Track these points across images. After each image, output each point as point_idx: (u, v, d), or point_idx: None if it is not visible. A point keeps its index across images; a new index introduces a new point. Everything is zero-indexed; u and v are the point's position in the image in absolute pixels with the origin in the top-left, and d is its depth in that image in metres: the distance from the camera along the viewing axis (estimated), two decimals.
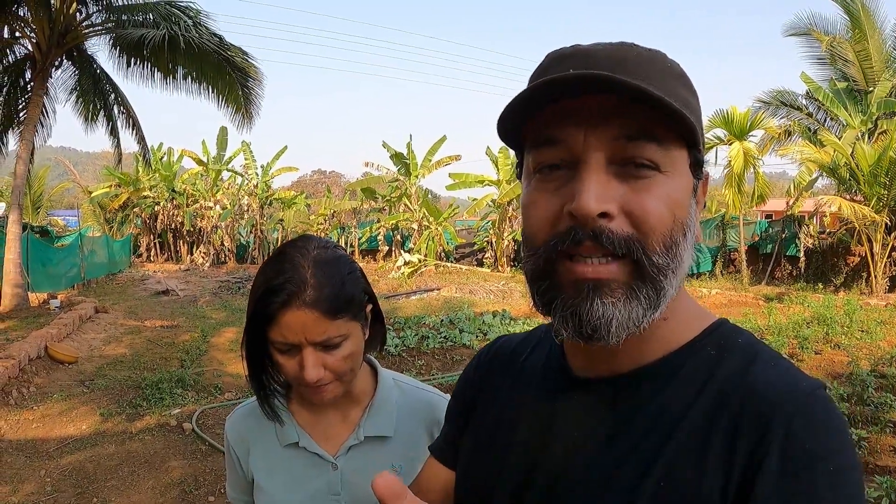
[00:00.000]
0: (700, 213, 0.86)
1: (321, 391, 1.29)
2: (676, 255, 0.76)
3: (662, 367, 0.82)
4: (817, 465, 0.67)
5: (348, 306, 1.28)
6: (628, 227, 0.74)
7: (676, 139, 0.77)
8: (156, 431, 6.28)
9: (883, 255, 16.81)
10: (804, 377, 0.76)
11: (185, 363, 9.18)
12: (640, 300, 0.75)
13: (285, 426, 1.41)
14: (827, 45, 20.11)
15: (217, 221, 28.53)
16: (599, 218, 0.73)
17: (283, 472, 1.41)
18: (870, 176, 16.16)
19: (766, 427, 0.70)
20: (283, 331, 1.24)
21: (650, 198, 0.75)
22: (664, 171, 0.76)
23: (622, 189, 0.75)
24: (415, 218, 26.97)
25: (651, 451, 0.76)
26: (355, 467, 1.40)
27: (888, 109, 18.48)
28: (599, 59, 0.77)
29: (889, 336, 11.02)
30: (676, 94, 0.77)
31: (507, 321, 12.57)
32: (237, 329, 11.91)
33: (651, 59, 0.79)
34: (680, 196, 0.77)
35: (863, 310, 13.64)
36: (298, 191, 35.60)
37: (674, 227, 0.76)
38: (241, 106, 14.56)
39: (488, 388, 1.06)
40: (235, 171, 29.84)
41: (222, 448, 5.72)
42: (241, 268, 26.70)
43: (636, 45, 0.81)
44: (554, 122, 0.77)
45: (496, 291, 18.51)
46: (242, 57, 14.00)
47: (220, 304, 15.73)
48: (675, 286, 0.77)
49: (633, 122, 0.74)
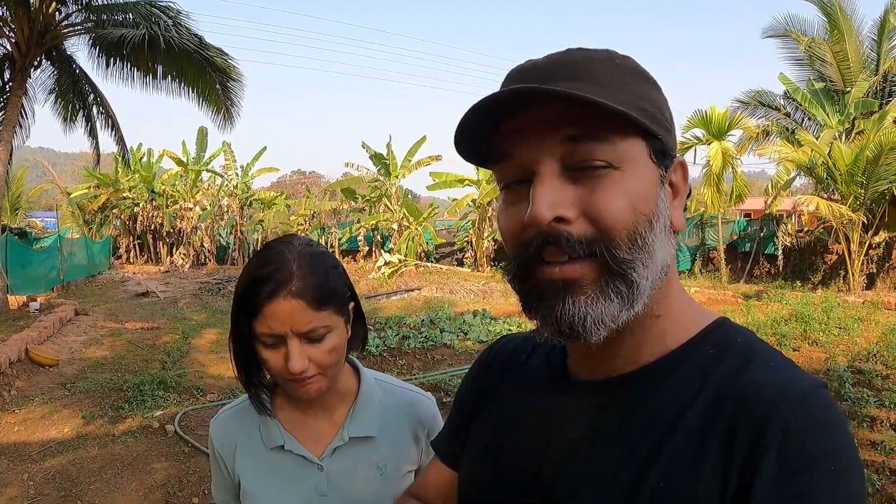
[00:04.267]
0: (683, 199, 0.86)
1: (306, 384, 1.30)
2: (643, 247, 0.76)
3: (661, 368, 0.82)
4: (817, 465, 0.67)
5: (332, 299, 1.31)
6: (589, 228, 0.75)
7: (627, 133, 0.77)
8: (138, 434, 6.25)
9: (860, 253, 17.00)
10: (804, 376, 0.75)
11: (166, 365, 9.13)
12: (611, 295, 0.76)
13: (270, 429, 1.43)
14: (805, 46, 20.33)
15: (197, 222, 28.36)
16: (556, 223, 0.75)
17: (270, 475, 1.42)
18: (847, 175, 16.33)
19: (765, 427, 0.70)
20: (270, 322, 1.26)
21: (605, 196, 0.75)
22: (618, 166, 0.76)
23: (578, 191, 0.76)
24: (395, 218, 26.96)
25: (650, 451, 0.76)
26: (341, 468, 1.42)
27: (865, 109, 18.71)
28: (548, 69, 0.79)
29: (866, 332, 11.19)
30: (627, 88, 0.78)
31: (488, 320, 12.62)
32: (218, 330, 11.88)
33: (599, 59, 0.80)
34: (640, 188, 0.78)
35: (840, 307, 13.83)
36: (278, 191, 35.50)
37: (636, 220, 0.76)
38: (222, 106, 14.49)
39: (489, 390, 1.07)
40: (215, 172, 29.64)
41: (205, 449, 5.75)
42: (221, 269, 26.55)
43: (584, 48, 0.82)
44: (505, 139, 0.80)
45: (476, 291, 18.57)
46: (222, 57, 13.92)
47: (200, 306, 15.65)
48: (649, 278, 0.78)
49: (577, 124, 0.75)
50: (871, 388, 7.57)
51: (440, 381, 8.00)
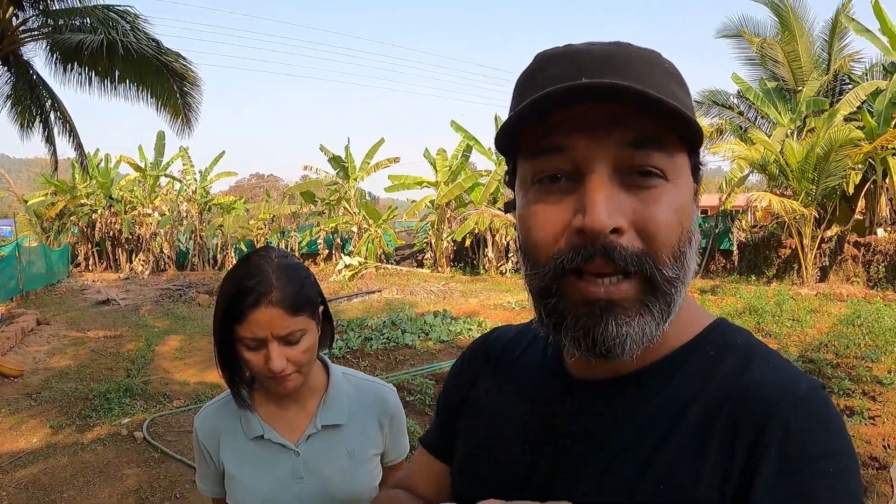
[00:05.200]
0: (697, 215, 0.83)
1: (284, 381, 1.48)
2: (685, 265, 0.75)
3: (661, 368, 0.81)
4: (816, 465, 0.67)
5: (307, 305, 1.49)
6: (639, 242, 0.72)
7: (680, 145, 0.75)
8: (107, 441, 6.27)
9: (813, 247, 17.47)
10: (803, 377, 0.75)
11: (131, 373, 9.08)
12: (652, 315, 0.73)
13: (251, 421, 1.59)
14: (758, 46, 20.71)
15: (156, 228, 27.91)
16: (610, 234, 0.70)
17: (252, 462, 1.58)
18: (798, 172, 16.76)
19: (765, 427, 0.70)
20: (253, 327, 1.43)
21: (659, 209, 0.72)
22: (670, 178, 0.74)
23: (630, 201, 0.72)
24: (354, 221, 26.90)
25: (650, 451, 0.76)
26: (315, 453, 1.59)
27: (816, 108, 19.17)
28: (595, 60, 0.73)
29: (818, 324, 11.54)
30: (675, 95, 0.75)
31: (449, 321, 12.75)
32: (181, 337, 11.83)
33: (649, 60, 0.76)
34: (685, 203, 0.76)
35: (794, 299, 14.22)
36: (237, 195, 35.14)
37: (682, 236, 0.74)
38: (180, 111, 14.33)
39: (481, 384, 1.05)
40: (173, 177, 29.26)
41: (175, 455, 5.83)
42: (181, 275, 26.19)
43: (631, 44, 0.78)
44: (556, 131, 0.74)
45: (437, 292, 18.69)
46: (181, 62, 13.80)
47: (162, 313, 15.50)
48: (683, 295, 0.77)
49: (639, 129, 0.71)
50: (821, 376, 7.84)
51: (403, 381, 8.10)
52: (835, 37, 20.14)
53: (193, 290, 19.63)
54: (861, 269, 17.42)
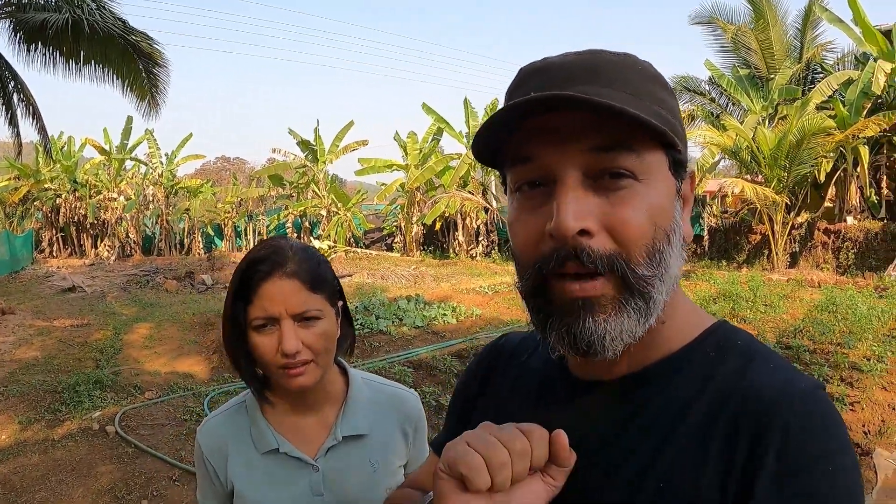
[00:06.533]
0: (690, 209, 0.86)
1: (297, 373, 1.33)
2: (661, 262, 0.76)
3: (662, 369, 0.82)
4: (816, 465, 0.68)
5: (324, 285, 1.38)
6: (609, 244, 0.74)
7: (652, 144, 0.76)
8: (79, 437, 6.06)
9: (783, 233, 17.70)
10: (803, 377, 0.76)
11: (100, 363, 8.85)
12: (630, 312, 0.75)
13: (263, 433, 1.44)
14: (732, 34, 20.89)
15: (122, 213, 27.38)
16: (579, 236, 0.73)
17: (264, 478, 1.44)
18: (770, 159, 16.92)
19: (765, 427, 0.70)
20: (265, 303, 1.31)
21: (629, 210, 0.74)
22: (641, 179, 0.75)
23: (600, 203, 0.75)
24: (323, 204, 26.73)
25: (650, 451, 0.77)
26: (335, 467, 1.45)
27: (789, 96, 19.39)
28: (572, 71, 0.77)
29: (791, 309, 11.67)
30: (651, 95, 0.78)
31: (422, 305, 12.60)
32: (150, 325, 11.58)
33: (622, 64, 0.79)
34: (661, 202, 0.77)
35: (766, 285, 14.37)
36: (204, 179, 34.66)
37: (655, 235, 0.76)
38: (147, 93, 14.01)
39: (489, 388, 1.07)
40: (139, 160, 28.74)
41: (150, 450, 5.64)
42: (147, 260, 25.77)
43: (605, 51, 0.81)
44: (527, 140, 0.77)
45: (408, 276, 18.64)
46: (148, 42, 13.47)
47: (129, 300, 15.20)
48: (665, 292, 0.78)
49: (605, 133, 0.74)
50: (800, 362, 7.95)
51: (380, 369, 7.96)
52: (808, 26, 20.40)
53: (160, 275, 19.29)
54: (831, 256, 17.70)
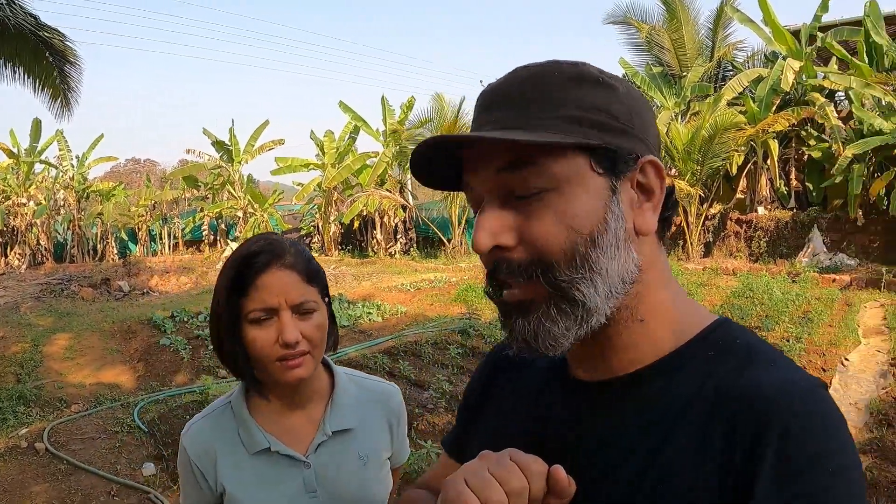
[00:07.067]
0: (657, 199, 0.85)
1: (297, 363, 1.34)
2: (584, 265, 0.77)
3: (662, 368, 0.82)
4: (816, 465, 0.67)
5: (318, 278, 1.40)
6: (526, 254, 0.79)
7: (558, 154, 0.77)
8: (7, 456, 5.74)
9: (697, 224, 18.35)
10: (803, 376, 0.75)
11: (21, 377, 8.38)
12: (558, 314, 0.79)
13: (253, 433, 1.43)
14: (646, 33, 21.44)
15: (32, 219, 26.24)
16: (498, 251, 0.80)
17: (256, 478, 1.43)
18: (684, 153, 17.47)
19: (764, 427, 0.70)
20: (263, 294, 1.31)
21: (537, 222, 0.78)
22: (553, 188, 0.77)
23: (515, 218, 0.80)
24: (239, 205, 26.17)
25: (651, 451, 0.77)
26: (326, 462, 1.45)
27: (701, 93, 20.08)
28: (493, 98, 0.84)
29: (710, 296, 12.12)
30: (565, 101, 0.79)
31: (346, 304, 12.50)
32: (69, 335, 11.09)
33: (541, 77, 0.81)
34: (578, 207, 0.78)
35: (683, 274, 14.88)
36: (115, 181, 33.51)
37: (574, 240, 0.77)
38: (60, 92, 13.50)
39: (494, 389, 1.09)
40: (49, 163, 27.52)
41: (84, 465, 5.46)
42: (60, 268, 24.66)
43: (529, 65, 0.84)
44: (465, 171, 0.85)
45: (328, 276, 18.35)
46: (60, 39, 12.98)
47: (45, 310, 14.54)
48: (600, 293, 0.78)
49: (501, 158, 0.79)
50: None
51: None
52: (719, 26, 21.08)
53: (75, 283, 18.48)
54: (743, 245, 18.43)
